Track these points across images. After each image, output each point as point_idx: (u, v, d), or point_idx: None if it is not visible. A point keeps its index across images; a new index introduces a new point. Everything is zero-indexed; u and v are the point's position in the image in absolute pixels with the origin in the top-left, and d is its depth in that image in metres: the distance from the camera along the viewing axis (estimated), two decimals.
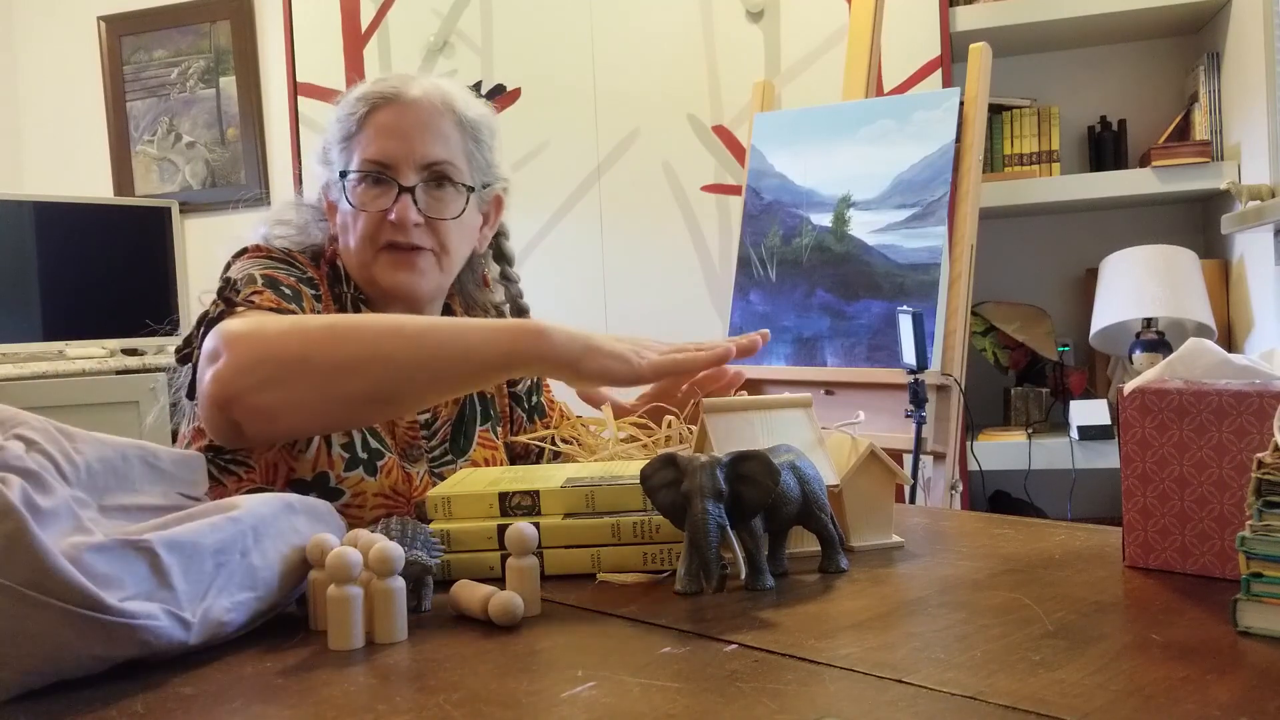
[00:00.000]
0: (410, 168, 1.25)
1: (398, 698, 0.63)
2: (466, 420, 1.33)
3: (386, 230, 1.24)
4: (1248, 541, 0.69)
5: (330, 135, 1.31)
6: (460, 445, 1.31)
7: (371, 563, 0.74)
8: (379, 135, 1.25)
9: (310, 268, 1.27)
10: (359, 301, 1.28)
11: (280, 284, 1.17)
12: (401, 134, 1.25)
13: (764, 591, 0.84)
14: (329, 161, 1.32)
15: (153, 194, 3.71)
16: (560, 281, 2.82)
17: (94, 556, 0.66)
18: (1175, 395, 0.81)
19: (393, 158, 1.24)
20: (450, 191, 1.27)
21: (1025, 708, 0.57)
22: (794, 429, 0.98)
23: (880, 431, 1.94)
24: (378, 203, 1.24)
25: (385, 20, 2.94)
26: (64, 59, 3.80)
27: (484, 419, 1.35)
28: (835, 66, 2.51)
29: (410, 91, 1.27)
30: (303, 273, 1.23)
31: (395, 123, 1.25)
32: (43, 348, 3.19)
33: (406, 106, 1.26)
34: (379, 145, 1.25)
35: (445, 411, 1.31)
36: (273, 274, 1.18)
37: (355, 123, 1.27)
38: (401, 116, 1.26)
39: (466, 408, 1.34)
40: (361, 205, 1.25)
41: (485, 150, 1.34)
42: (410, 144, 1.25)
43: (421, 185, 1.25)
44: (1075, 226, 2.87)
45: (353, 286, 1.28)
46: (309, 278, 1.24)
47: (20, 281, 3.25)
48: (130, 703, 0.64)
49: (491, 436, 1.35)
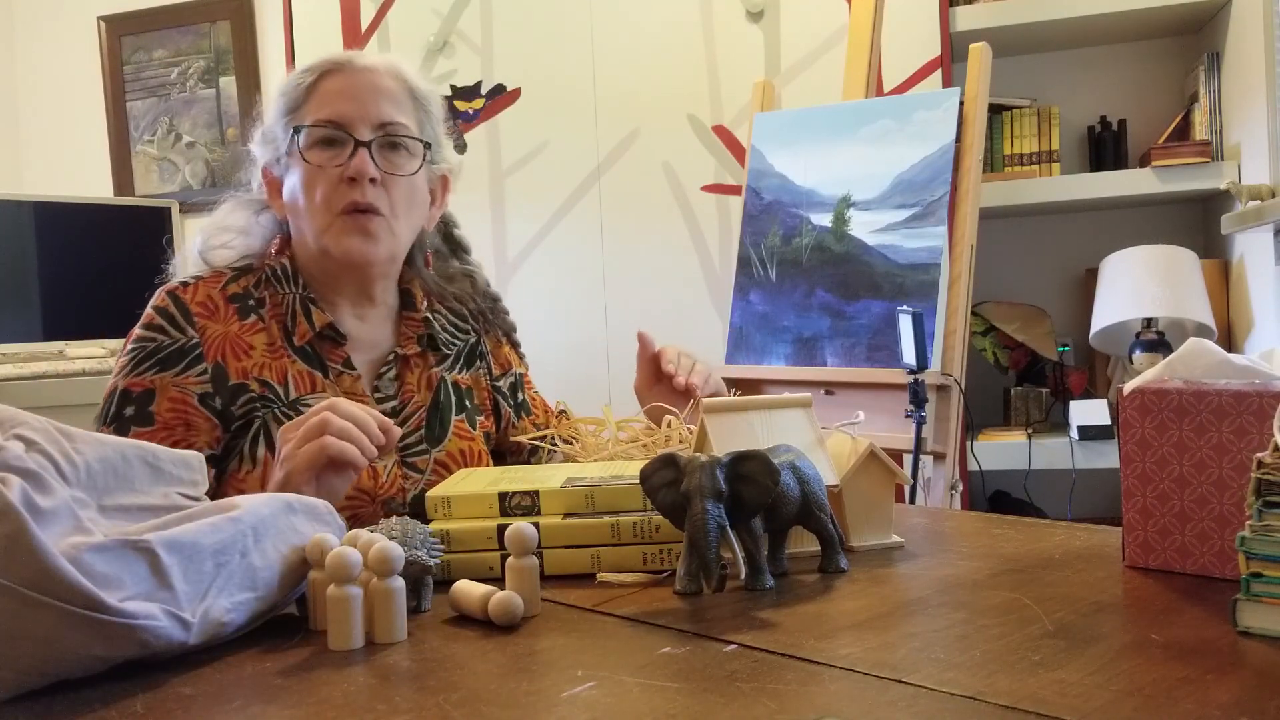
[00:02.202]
0: (365, 125, 1.24)
1: (398, 698, 0.63)
2: (442, 407, 1.32)
3: (344, 190, 1.23)
4: (1247, 541, 0.69)
5: (273, 112, 1.30)
6: (436, 434, 1.30)
7: (371, 563, 0.74)
8: (331, 99, 1.25)
9: (242, 280, 1.26)
10: (307, 301, 1.26)
11: (131, 394, 1.18)
12: (353, 95, 1.25)
13: (764, 591, 0.84)
14: (272, 138, 1.30)
15: (153, 194, 3.70)
16: (560, 281, 2.82)
17: (94, 556, 0.66)
18: (1175, 395, 0.81)
19: (346, 117, 1.24)
20: (404, 153, 1.27)
21: (1025, 708, 0.57)
22: (794, 429, 0.98)
23: (880, 431, 1.94)
24: (333, 161, 1.23)
25: (385, 20, 2.94)
26: (64, 59, 3.80)
27: (459, 409, 1.34)
28: (835, 66, 2.51)
29: (358, 60, 1.27)
30: (188, 339, 1.20)
31: (345, 86, 1.25)
32: (43, 348, 3.19)
33: (357, 72, 1.26)
34: (332, 107, 1.24)
35: (418, 398, 1.31)
36: (127, 385, 1.19)
37: (303, 92, 1.26)
38: (352, 80, 1.26)
39: (441, 394, 1.33)
40: (318, 163, 1.23)
41: (435, 124, 1.34)
42: (364, 105, 1.24)
43: (376, 144, 1.25)
44: (1075, 226, 2.86)
45: (300, 285, 1.27)
46: (191, 342, 1.20)
47: (20, 281, 3.24)
48: (130, 703, 0.64)
49: (468, 428, 1.34)
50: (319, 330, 1.25)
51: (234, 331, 1.23)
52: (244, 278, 1.28)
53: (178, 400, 1.19)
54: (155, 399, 1.19)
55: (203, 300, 1.24)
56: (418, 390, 1.31)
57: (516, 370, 1.48)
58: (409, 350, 1.32)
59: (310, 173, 1.24)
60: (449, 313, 1.40)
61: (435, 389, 1.32)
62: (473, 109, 2.87)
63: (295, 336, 1.25)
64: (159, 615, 0.68)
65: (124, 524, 0.75)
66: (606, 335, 2.78)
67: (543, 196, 2.83)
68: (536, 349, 2.81)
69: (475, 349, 1.41)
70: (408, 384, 1.31)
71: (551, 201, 2.83)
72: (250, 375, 1.21)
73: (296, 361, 1.24)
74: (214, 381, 1.20)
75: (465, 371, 1.38)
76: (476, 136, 2.87)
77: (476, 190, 2.87)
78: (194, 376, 1.20)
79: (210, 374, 1.20)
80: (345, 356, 1.27)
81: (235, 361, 1.22)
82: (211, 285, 1.26)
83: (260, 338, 1.24)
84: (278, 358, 1.24)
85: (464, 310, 1.42)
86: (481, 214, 2.86)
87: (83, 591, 0.64)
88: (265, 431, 1.20)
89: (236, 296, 1.25)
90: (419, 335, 1.33)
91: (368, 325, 1.31)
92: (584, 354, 2.77)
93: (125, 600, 0.66)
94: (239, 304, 1.25)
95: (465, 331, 1.41)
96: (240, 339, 1.23)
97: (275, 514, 0.80)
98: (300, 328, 1.25)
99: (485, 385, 1.40)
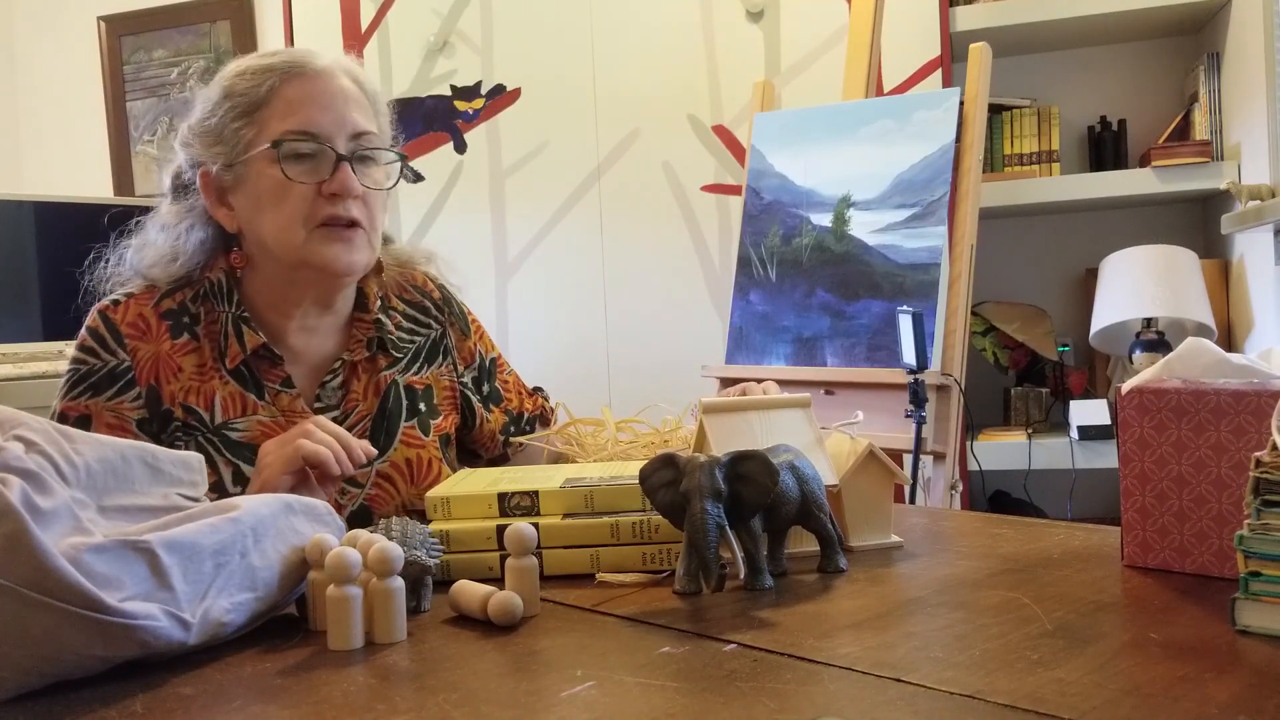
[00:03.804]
0: (341, 136, 1.19)
1: (397, 698, 0.64)
2: (390, 414, 1.27)
3: (322, 205, 1.18)
4: (1246, 540, 0.69)
5: (221, 112, 1.21)
6: (380, 443, 1.25)
7: (371, 563, 0.75)
8: (299, 106, 1.18)
9: (178, 295, 1.22)
10: (239, 321, 1.21)
11: (69, 418, 1.17)
12: (322, 104, 1.19)
13: (763, 591, 0.84)
14: (220, 140, 1.21)
15: (153, 194, 3.69)
16: (560, 282, 2.82)
17: (94, 557, 0.66)
18: (1174, 395, 0.81)
19: (322, 128, 1.18)
20: (382, 165, 1.24)
21: (1024, 707, 0.57)
22: (793, 429, 0.98)
23: (880, 431, 1.94)
24: (313, 175, 1.18)
25: (385, 20, 2.94)
26: (64, 59, 3.80)
27: (411, 414, 1.29)
28: (835, 66, 2.51)
29: (315, 62, 1.21)
30: (119, 361, 1.18)
31: (311, 93, 1.19)
32: (43, 348, 3.19)
33: (318, 76, 1.20)
34: (303, 116, 1.18)
35: (363, 406, 1.26)
36: (63, 409, 1.18)
37: (262, 95, 1.19)
38: (315, 86, 1.20)
39: (389, 400, 1.28)
40: (296, 178, 1.17)
41: (386, 123, 1.29)
42: (337, 114, 1.19)
43: (355, 158, 1.20)
44: (1075, 226, 2.86)
45: (233, 304, 1.21)
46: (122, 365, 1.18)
47: (20, 281, 3.24)
48: (130, 703, 0.64)
49: (419, 434, 1.29)
50: (251, 351, 1.20)
51: (165, 351, 1.19)
52: (180, 291, 1.22)
53: (115, 426, 1.17)
54: (91, 424, 1.17)
55: (133, 320, 1.20)
56: (363, 398, 1.26)
57: (488, 357, 1.41)
58: (357, 356, 1.27)
59: (282, 184, 1.17)
60: (409, 306, 1.34)
61: (384, 394, 1.27)
62: (473, 109, 2.87)
63: (227, 358, 1.20)
64: (159, 615, 0.68)
65: (124, 524, 0.75)
66: (606, 335, 2.78)
67: (543, 197, 2.83)
68: (536, 349, 2.82)
69: (439, 345, 1.35)
70: (353, 392, 1.26)
71: (551, 201, 2.83)
72: (176, 400, 1.18)
73: (229, 383, 1.20)
74: (148, 406, 1.18)
75: (426, 370, 1.33)
76: (476, 136, 2.87)
77: (476, 190, 2.87)
78: (129, 402, 1.18)
79: (144, 398, 1.18)
80: (285, 375, 1.22)
81: (167, 384, 1.19)
82: (144, 302, 1.21)
83: (190, 359, 1.20)
84: (207, 380, 1.20)
85: (426, 303, 1.36)
86: (481, 214, 2.86)
87: (83, 592, 0.64)
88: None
89: (170, 313, 1.21)
90: (369, 339, 1.28)
91: (316, 336, 1.26)
92: (584, 354, 2.77)
93: (125, 600, 0.66)
94: (172, 320, 1.21)
95: (426, 325, 1.35)
96: (171, 359, 1.19)
97: (275, 514, 0.80)
98: (232, 349, 1.20)
99: (448, 383, 1.35)
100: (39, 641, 0.64)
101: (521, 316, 2.82)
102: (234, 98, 1.20)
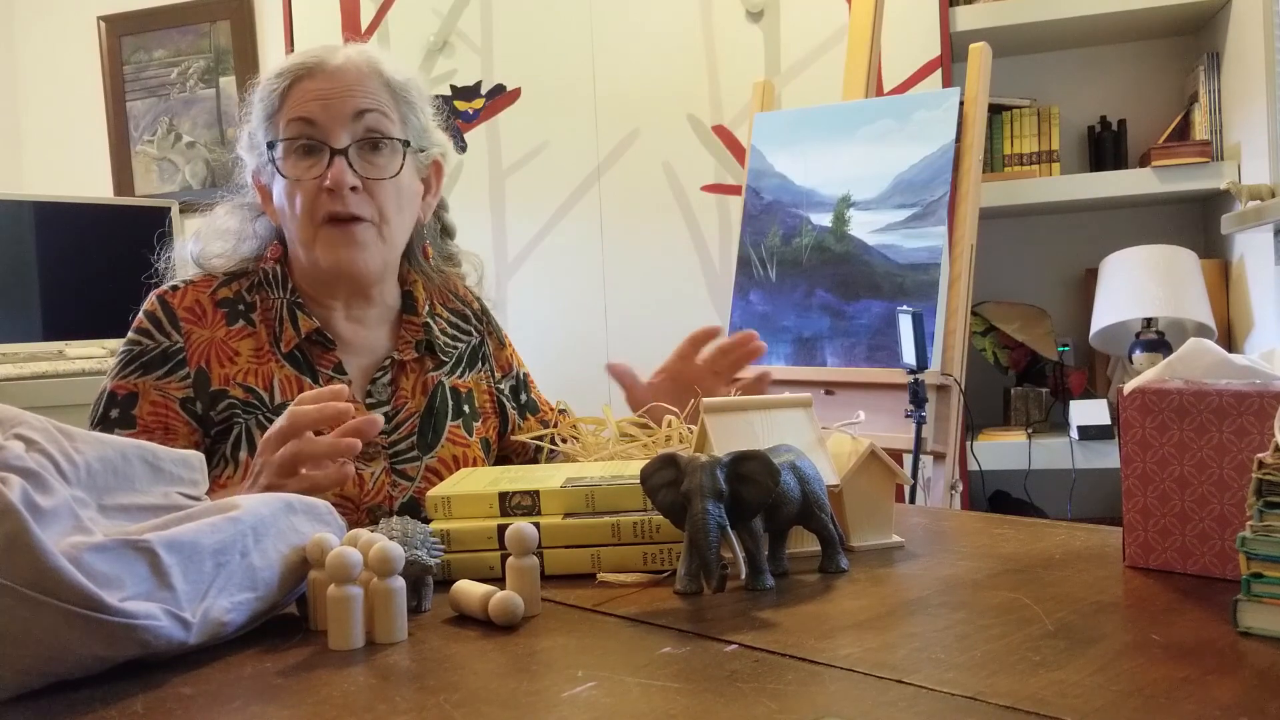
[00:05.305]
0: (340, 127, 1.20)
1: (398, 698, 0.63)
2: (437, 413, 1.30)
3: (324, 201, 1.20)
4: (1248, 542, 0.69)
5: (254, 117, 1.26)
6: (428, 440, 1.28)
7: (371, 563, 0.74)
8: (302, 106, 1.21)
9: (234, 285, 1.25)
10: (293, 306, 1.25)
11: (117, 397, 1.20)
12: (326, 98, 1.21)
13: (764, 591, 0.84)
14: (255, 145, 1.27)
15: (153, 194, 3.70)
16: (560, 282, 2.82)
17: (94, 556, 0.66)
18: (1175, 395, 0.81)
19: (319, 118, 1.20)
20: (385, 152, 1.23)
21: (1025, 708, 0.57)
22: (794, 429, 0.98)
23: (880, 431, 1.94)
24: (311, 171, 1.21)
25: (385, 20, 2.94)
26: (64, 59, 3.80)
27: (456, 415, 1.32)
28: (835, 66, 2.51)
29: (333, 60, 1.23)
30: (172, 343, 1.21)
31: (319, 89, 1.21)
32: (43, 348, 3.19)
33: (330, 74, 1.22)
34: (304, 109, 1.20)
35: (412, 403, 1.29)
36: (114, 387, 1.21)
37: (278, 97, 1.23)
38: (325, 83, 1.21)
39: (436, 399, 1.31)
40: (295, 176, 1.21)
41: (418, 113, 1.29)
42: (337, 108, 1.20)
43: (355, 148, 1.21)
44: (1075, 226, 2.86)
45: (288, 290, 1.25)
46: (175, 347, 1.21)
47: (20, 281, 3.24)
48: (130, 703, 0.64)
49: (464, 434, 1.32)
50: (305, 335, 1.24)
51: (220, 337, 1.23)
52: (236, 281, 1.27)
53: (159, 404, 1.20)
54: (138, 402, 1.20)
55: (190, 305, 1.24)
56: (412, 396, 1.29)
57: (519, 370, 1.46)
58: (406, 355, 1.30)
59: (290, 184, 1.22)
60: (451, 314, 1.39)
61: (431, 394, 1.31)
62: (473, 109, 2.87)
63: (282, 342, 1.24)
64: (159, 615, 0.68)
65: (124, 524, 0.75)
66: (606, 335, 2.78)
67: (543, 196, 2.83)
68: (536, 349, 2.81)
69: (478, 351, 1.40)
70: (402, 389, 1.29)
71: (551, 201, 2.83)
72: (233, 381, 1.21)
73: (285, 366, 1.23)
74: (195, 386, 1.20)
75: (467, 375, 1.36)
76: (476, 136, 2.87)
77: (476, 190, 2.87)
78: (176, 381, 1.20)
79: (193, 379, 1.20)
80: (336, 361, 1.26)
81: (219, 367, 1.21)
82: (201, 290, 1.25)
83: (247, 343, 1.23)
84: (264, 363, 1.23)
85: (466, 311, 1.41)
86: (481, 214, 2.86)
87: (83, 591, 0.64)
88: (248, 436, 1.20)
89: (226, 301, 1.25)
90: (417, 341, 1.32)
91: (364, 328, 1.30)
92: (584, 354, 2.77)
93: (125, 600, 0.66)
94: (228, 309, 1.24)
95: (467, 333, 1.39)
96: (225, 345, 1.23)
97: (275, 514, 0.80)
98: (286, 333, 1.24)
99: (487, 389, 1.39)
100: (39, 641, 0.64)
101: (522, 316, 2.81)
102: (260, 103, 1.25)
